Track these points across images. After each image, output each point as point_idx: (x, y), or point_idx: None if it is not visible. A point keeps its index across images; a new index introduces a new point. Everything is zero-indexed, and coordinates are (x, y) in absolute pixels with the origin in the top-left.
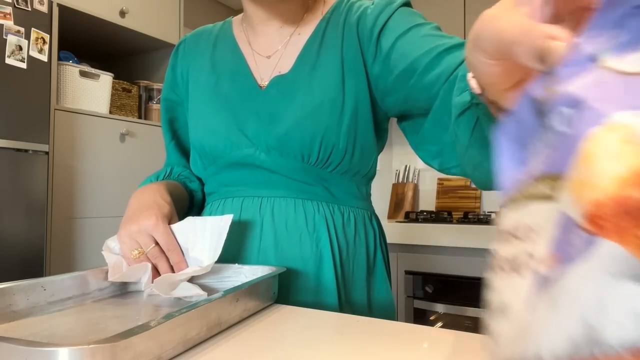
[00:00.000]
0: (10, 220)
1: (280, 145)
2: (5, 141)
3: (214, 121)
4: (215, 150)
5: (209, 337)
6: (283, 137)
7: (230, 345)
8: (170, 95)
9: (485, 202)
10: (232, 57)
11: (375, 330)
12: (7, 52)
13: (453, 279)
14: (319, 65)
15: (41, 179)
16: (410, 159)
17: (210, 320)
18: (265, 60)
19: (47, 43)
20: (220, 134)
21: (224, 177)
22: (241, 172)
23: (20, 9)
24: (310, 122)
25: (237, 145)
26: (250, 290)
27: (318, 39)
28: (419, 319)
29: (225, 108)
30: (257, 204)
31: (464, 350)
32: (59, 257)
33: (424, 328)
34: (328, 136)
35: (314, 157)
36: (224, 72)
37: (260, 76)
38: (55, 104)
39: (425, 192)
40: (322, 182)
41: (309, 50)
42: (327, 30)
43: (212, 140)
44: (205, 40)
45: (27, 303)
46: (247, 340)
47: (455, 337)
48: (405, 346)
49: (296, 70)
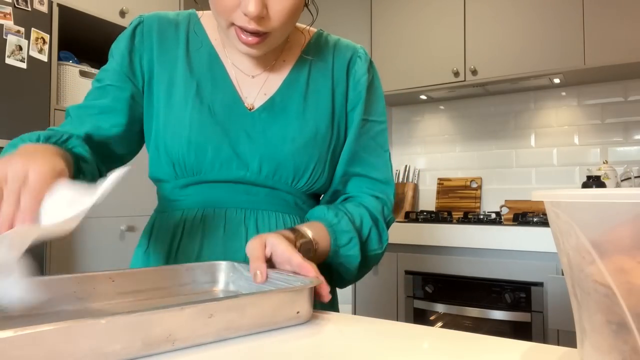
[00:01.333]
0: None
1: (275, 170)
2: (6, 141)
3: (199, 136)
4: (200, 166)
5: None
6: (280, 163)
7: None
8: (121, 82)
9: (485, 202)
10: (212, 66)
11: (375, 330)
12: (7, 52)
13: (453, 279)
14: (310, 95)
15: None
16: (410, 159)
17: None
18: (250, 79)
19: (47, 43)
20: (207, 152)
21: (202, 190)
22: (224, 187)
23: (20, 9)
24: (305, 152)
25: (226, 165)
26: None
27: (305, 68)
28: (419, 319)
29: (212, 123)
30: (241, 215)
31: (464, 350)
32: (59, 257)
33: (424, 328)
34: (318, 166)
35: (302, 182)
36: (204, 80)
37: (244, 95)
38: (55, 104)
39: (425, 192)
40: (298, 199)
41: (297, 76)
42: (314, 61)
43: (196, 155)
44: (171, 32)
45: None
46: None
47: (455, 337)
48: (405, 346)
49: (285, 95)
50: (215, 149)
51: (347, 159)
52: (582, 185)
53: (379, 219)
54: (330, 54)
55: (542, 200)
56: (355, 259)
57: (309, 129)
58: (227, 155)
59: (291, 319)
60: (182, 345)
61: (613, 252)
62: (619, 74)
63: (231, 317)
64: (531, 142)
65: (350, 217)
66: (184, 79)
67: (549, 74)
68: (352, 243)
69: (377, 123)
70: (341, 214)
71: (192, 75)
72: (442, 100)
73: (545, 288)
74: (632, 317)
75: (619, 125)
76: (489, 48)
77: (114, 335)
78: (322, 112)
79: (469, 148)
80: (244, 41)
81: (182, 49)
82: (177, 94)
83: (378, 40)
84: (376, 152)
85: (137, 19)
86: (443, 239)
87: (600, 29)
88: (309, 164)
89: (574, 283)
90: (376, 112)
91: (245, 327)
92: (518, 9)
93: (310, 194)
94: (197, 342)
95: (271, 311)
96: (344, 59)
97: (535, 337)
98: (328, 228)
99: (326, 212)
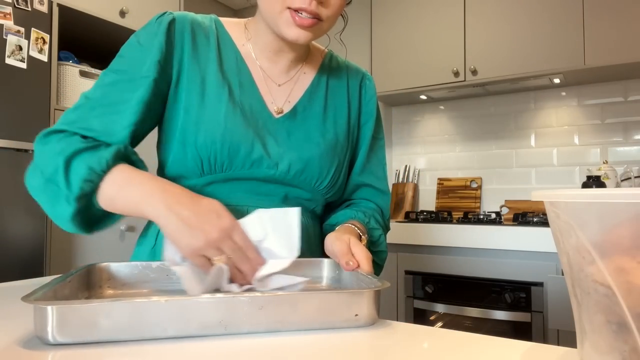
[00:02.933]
0: (11, 220)
1: (303, 170)
2: (5, 141)
3: (233, 134)
4: (231, 163)
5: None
6: (307, 164)
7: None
8: (156, 75)
9: (485, 202)
10: (239, 71)
11: (375, 329)
12: (7, 52)
13: (453, 279)
14: (329, 107)
15: None
16: (410, 159)
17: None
18: (277, 87)
19: (47, 43)
20: (240, 150)
21: (225, 189)
22: (248, 186)
23: (20, 9)
24: (327, 157)
25: (257, 163)
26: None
27: (323, 80)
28: (419, 319)
29: (244, 124)
30: None
31: (464, 350)
32: (59, 257)
33: (424, 328)
34: (337, 172)
35: (324, 184)
36: (234, 84)
37: (270, 101)
38: (55, 104)
39: (425, 192)
40: (317, 206)
41: (316, 88)
42: (330, 78)
43: (229, 153)
44: (202, 33)
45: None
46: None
47: (455, 337)
48: (405, 346)
49: (307, 105)
50: (248, 147)
51: (360, 169)
52: (582, 185)
53: (381, 223)
54: (344, 73)
55: (542, 200)
56: (385, 253)
57: (330, 137)
58: (259, 154)
59: (348, 321)
60: (235, 331)
61: (613, 252)
62: (619, 74)
63: (281, 310)
64: (531, 142)
65: (375, 217)
66: (216, 80)
67: (549, 74)
68: (381, 239)
69: (379, 139)
70: (368, 213)
71: (224, 77)
72: (442, 100)
73: (545, 288)
74: (632, 317)
75: (619, 125)
76: (489, 48)
77: (172, 314)
78: (340, 124)
79: (469, 148)
80: (299, 22)
81: (214, 50)
82: (210, 93)
83: (378, 40)
84: (379, 164)
85: (168, 15)
86: (443, 239)
87: (600, 29)
88: (330, 169)
89: (574, 283)
90: (379, 131)
91: (296, 323)
92: (518, 9)
93: (325, 204)
94: (249, 330)
95: (326, 310)
96: (357, 79)
97: (535, 337)
98: (364, 225)
99: (355, 213)
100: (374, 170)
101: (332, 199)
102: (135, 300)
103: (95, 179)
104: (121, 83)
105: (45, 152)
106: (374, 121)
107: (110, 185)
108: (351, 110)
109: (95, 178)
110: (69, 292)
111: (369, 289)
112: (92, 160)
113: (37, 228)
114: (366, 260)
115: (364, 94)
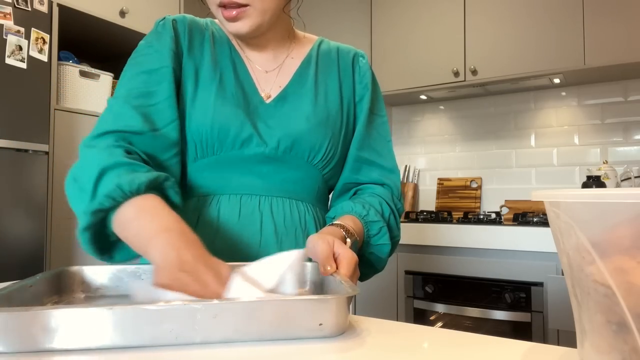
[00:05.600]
0: (11, 220)
1: (292, 145)
2: (5, 141)
3: (222, 116)
4: (221, 144)
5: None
6: (296, 139)
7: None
8: (174, 64)
9: (485, 202)
10: (233, 60)
11: (375, 329)
12: (7, 52)
13: (453, 279)
14: (320, 85)
15: (41, 179)
16: (410, 159)
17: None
18: (264, 73)
19: (47, 43)
20: (230, 130)
21: (219, 173)
22: (241, 168)
23: (20, 9)
24: (318, 130)
25: (247, 142)
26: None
27: (312, 63)
28: (419, 319)
29: (234, 106)
30: (255, 201)
31: (464, 350)
32: (59, 257)
33: (424, 328)
34: (331, 145)
35: (318, 158)
36: (227, 72)
37: (261, 87)
38: (55, 104)
39: (425, 192)
40: (321, 184)
41: (305, 69)
42: (320, 58)
43: (219, 134)
44: (199, 30)
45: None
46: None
47: (455, 337)
48: (405, 346)
49: (297, 86)
50: (237, 128)
51: (358, 144)
52: (582, 185)
53: (392, 206)
54: (334, 54)
55: (542, 200)
56: (387, 247)
57: (321, 111)
58: (248, 133)
59: (311, 331)
60: (186, 341)
61: (613, 252)
62: (619, 74)
63: (237, 319)
64: (531, 142)
65: (376, 208)
66: (209, 70)
67: (549, 74)
68: (382, 232)
69: (379, 117)
70: (367, 205)
71: (217, 67)
72: (442, 100)
73: (545, 288)
74: (632, 317)
75: (619, 125)
76: (489, 48)
77: (118, 323)
78: (331, 100)
79: (469, 148)
80: (227, 16)
81: (208, 43)
82: (202, 82)
83: (378, 40)
84: (381, 141)
85: (168, 17)
86: (443, 239)
87: (600, 29)
88: (323, 142)
89: (574, 283)
90: (378, 108)
91: (254, 333)
92: (518, 9)
93: (329, 187)
94: (202, 340)
95: (286, 319)
96: (348, 57)
97: (535, 337)
98: (360, 220)
99: (353, 205)
100: (376, 147)
101: (334, 179)
102: (78, 307)
103: (119, 199)
104: (145, 75)
105: (87, 157)
106: (370, 95)
107: (129, 208)
108: (343, 86)
109: (119, 197)
110: (31, 297)
111: (335, 295)
112: (124, 179)
113: (37, 228)
114: (346, 263)
115: (357, 70)
